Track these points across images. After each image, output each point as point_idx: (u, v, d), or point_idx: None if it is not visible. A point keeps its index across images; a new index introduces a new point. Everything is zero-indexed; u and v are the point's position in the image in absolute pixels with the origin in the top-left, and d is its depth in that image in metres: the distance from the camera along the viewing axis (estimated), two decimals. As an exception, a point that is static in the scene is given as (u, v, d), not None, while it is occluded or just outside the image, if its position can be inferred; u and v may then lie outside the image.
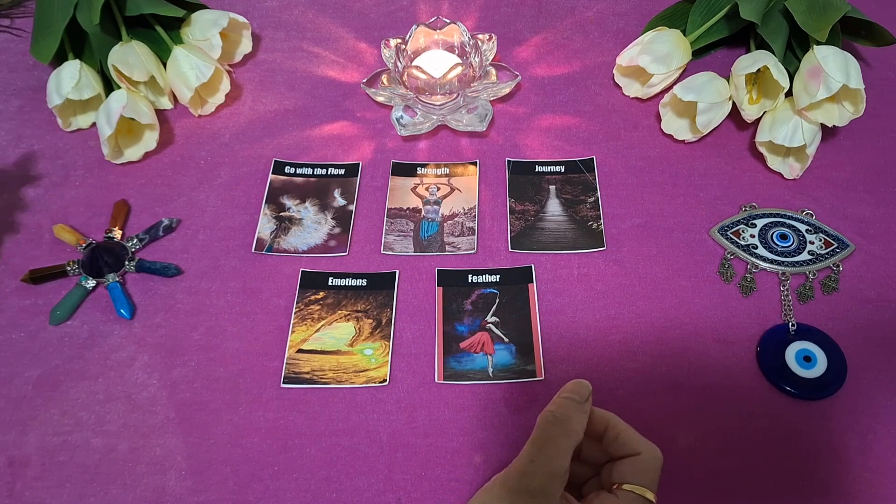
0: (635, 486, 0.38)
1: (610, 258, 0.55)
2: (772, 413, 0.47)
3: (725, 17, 0.63)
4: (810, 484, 0.44)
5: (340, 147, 0.63)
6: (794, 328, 0.50)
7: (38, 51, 0.63)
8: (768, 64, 0.55)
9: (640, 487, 0.38)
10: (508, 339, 0.51)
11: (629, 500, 0.38)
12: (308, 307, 0.53)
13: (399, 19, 0.74)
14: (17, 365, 0.50)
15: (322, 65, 0.70)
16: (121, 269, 0.54)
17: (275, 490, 0.45)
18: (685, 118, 0.61)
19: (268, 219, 0.58)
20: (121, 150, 0.61)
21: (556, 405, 0.39)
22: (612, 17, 0.73)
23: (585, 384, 0.41)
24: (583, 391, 0.40)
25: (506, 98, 0.65)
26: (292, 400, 0.48)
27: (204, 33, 0.64)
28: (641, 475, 0.39)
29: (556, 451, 0.37)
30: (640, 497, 0.38)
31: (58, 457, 0.46)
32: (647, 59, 0.60)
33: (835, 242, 0.54)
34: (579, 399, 0.40)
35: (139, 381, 0.49)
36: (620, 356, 0.50)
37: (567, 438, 0.38)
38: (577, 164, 0.60)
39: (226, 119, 0.65)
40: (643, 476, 0.39)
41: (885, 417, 0.46)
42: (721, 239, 0.55)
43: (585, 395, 0.40)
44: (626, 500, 0.38)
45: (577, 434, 0.38)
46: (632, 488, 0.38)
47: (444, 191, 0.59)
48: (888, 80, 0.67)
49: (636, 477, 0.39)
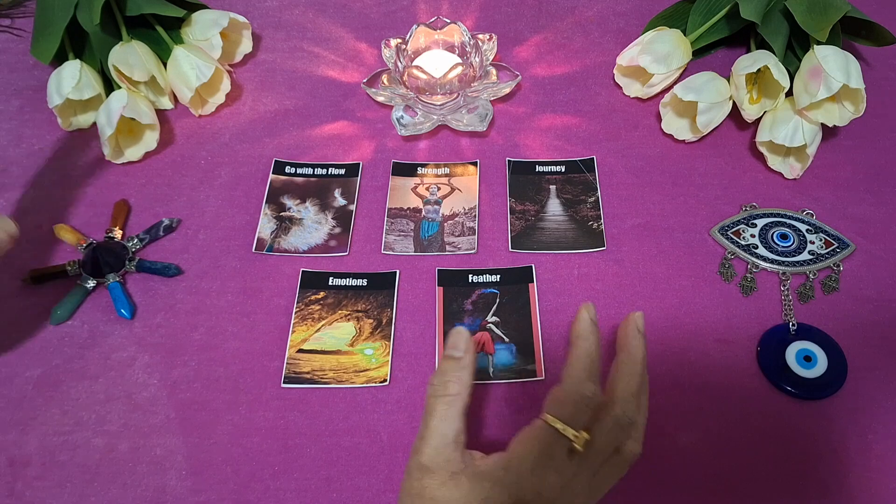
0: (550, 416, 0.36)
1: (610, 258, 0.55)
2: (772, 413, 0.47)
3: (726, 16, 0.63)
4: (810, 484, 0.44)
5: (341, 147, 0.63)
6: (794, 328, 0.50)
7: (39, 51, 0.63)
8: (769, 64, 0.55)
9: (552, 418, 0.36)
10: (509, 338, 0.51)
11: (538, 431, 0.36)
12: (308, 307, 0.53)
13: (399, 19, 0.74)
14: (18, 365, 0.50)
15: (322, 65, 0.70)
16: (121, 269, 0.54)
17: (275, 490, 0.45)
18: (685, 118, 0.61)
19: (268, 219, 0.58)
20: (121, 150, 0.61)
21: (436, 372, 0.38)
22: (613, 16, 0.73)
23: (463, 333, 0.39)
24: (460, 343, 0.39)
25: (506, 98, 0.66)
26: (293, 400, 0.48)
27: (204, 33, 0.64)
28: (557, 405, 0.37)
29: (440, 420, 0.36)
30: (549, 428, 0.36)
31: (58, 457, 0.46)
32: (647, 59, 0.60)
33: (835, 242, 0.54)
34: (458, 354, 0.38)
35: (139, 380, 0.49)
36: (621, 356, 0.50)
37: (449, 406, 0.37)
38: (577, 164, 0.60)
39: (226, 119, 0.65)
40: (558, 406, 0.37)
41: (885, 417, 0.46)
42: (721, 239, 0.55)
43: (463, 347, 0.38)
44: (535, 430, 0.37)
45: (460, 395, 0.37)
46: (546, 418, 0.36)
47: (445, 191, 0.59)
48: (888, 80, 0.67)
49: (552, 407, 0.37)
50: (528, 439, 0.36)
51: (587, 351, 0.39)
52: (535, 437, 0.36)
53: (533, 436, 0.36)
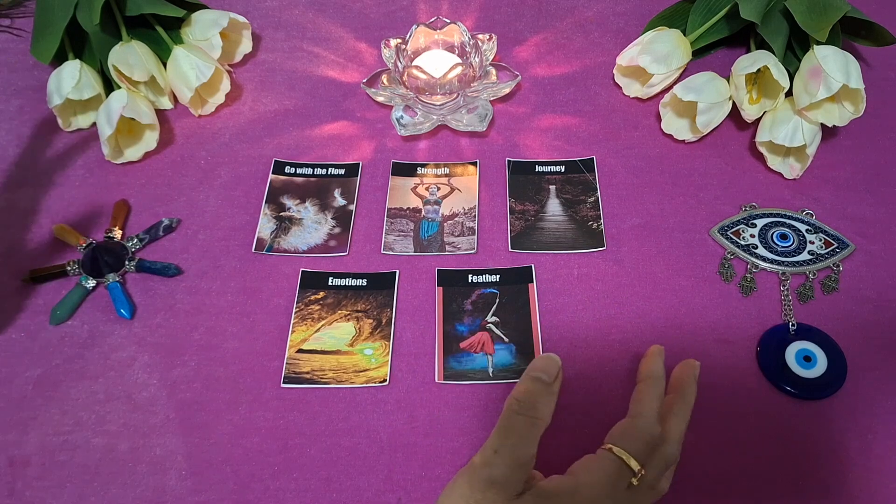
0: (620, 449, 0.37)
1: (610, 258, 0.55)
2: (771, 413, 0.47)
3: (725, 16, 0.63)
4: (810, 484, 0.44)
5: (340, 147, 0.63)
6: (794, 328, 0.50)
7: (39, 51, 0.63)
8: (768, 64, 0.55)
9: (622, 451, 0.36)
10: (508, 338, 0.51)
11: (606, 462, 0.36)
12: (308, 307, 0.53)
13: (399, 19, 0.74)
14: (18, 365, 0.50)
15: (322, 65, 0.70)
16: (121, 269, 0.54)
17: (275, 490, 0.45)
18: (685, 118, 0.61)
19: (268, 219, 0.58)
20: (121, 150, 0.61)
21: (522, 390, 0.38)
22: (612, 16, 0.73)
23: (555, 360, 0.39)
24: (551, 369, 0.38)
25: (506, 98, 0.66)
26: (292, 400, 0.48)
27: (204, 33, 0.64)
28: (628, 440, 0.37)
29: (519, 439, 0.36)
30: (618, 460, 0.36)
31: (58, 456, 0.46)
32: (647, 59, 0.60)
33: (835, 242, 0.54)
34: (547, 379, 0.38)
35: (139, 380, 0.49)
36: (620, 356, 0.50)
37: (532, 427, 0.36)
38: (577, 164, 0.60)
39: (226, 119, 0.65)
40: (629, 441, 0.37)
41: (885, 417, 0.46)
42: (721, 239, 0.55)
43: (554, 374, 0.38)
44: (603, 461, 0.37)
45: (544, 419, 0.37)
46: (615, 450, 0.37)
47: (445, 191, 0.59)
48: (888, 80, 0.67)
49: (623, 440, 0.37)
50: (598, 468, 0.37)
51: (659, 394, 0.42)
52: (605, 468, 0.37)
53: (603, 466, 0.37)
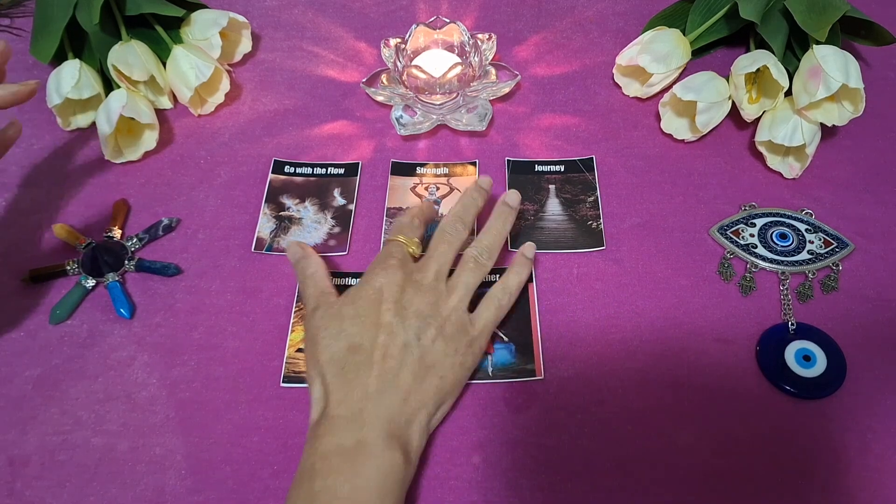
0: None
1: (610, 258, 0.55)
2: (772, 413, 0.47)
3: (725, 16, 0.63)
4: (810, 484, 0.44)
5: (340, 146, 0.63)
6: (793, 327, 0.50)
7: (38, 50, 0.63)
8: (768, 63, 0.55)
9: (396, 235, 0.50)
10: (508, 338, 0.51)
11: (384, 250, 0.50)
12: (308, 307, 0.53)
13: (399, 19, 0.74)
14: (17, 364, 0.50)
15: (322, 64, 0.70)
16: (121, 269, 0.54)
17: (275, 490, 0.45)
18: (685, 118, 0.61)
19: (267, 218, 0.58)
20: (121, 150, 0.61)
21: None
22: (612, 16, 0.73)
23: (304, 249, 0.51)
24: (295, 251, 0.51)
25: (505, 98, 0.66)
26: (292, 399, 0.48)
27: (204, 33, 0.64)
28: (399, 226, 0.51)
29: (303, 288, 0.49)
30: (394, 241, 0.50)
31: (58, 456, 0.46)
32: (646, 59, 0.60)
33: (834, 242, 0.54)
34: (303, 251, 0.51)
35: (139, 380, 0.49)
36: (620, 356, 0.50)
37: (306, 277, 0.49)
38: (576, 164, 0.60)
39: (225, 118, 0.65)
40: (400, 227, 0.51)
41: (885, 417, 0.46)
42: (721, 238, 0.55)
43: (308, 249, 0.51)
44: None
45: (313, 267, 0.50)
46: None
47: (444, 190, 0.59)
48: (888, 80, 0.67)
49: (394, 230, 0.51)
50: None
51: (469, 201, 0.52)
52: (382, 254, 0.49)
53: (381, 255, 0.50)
